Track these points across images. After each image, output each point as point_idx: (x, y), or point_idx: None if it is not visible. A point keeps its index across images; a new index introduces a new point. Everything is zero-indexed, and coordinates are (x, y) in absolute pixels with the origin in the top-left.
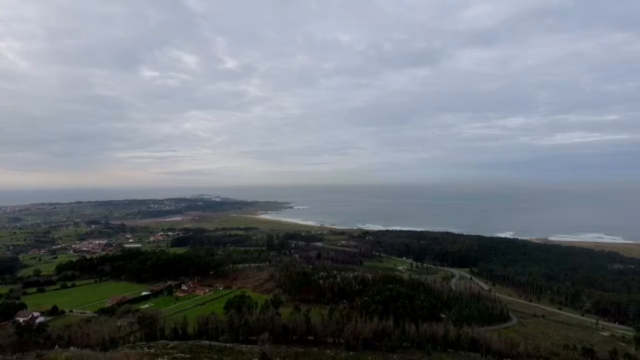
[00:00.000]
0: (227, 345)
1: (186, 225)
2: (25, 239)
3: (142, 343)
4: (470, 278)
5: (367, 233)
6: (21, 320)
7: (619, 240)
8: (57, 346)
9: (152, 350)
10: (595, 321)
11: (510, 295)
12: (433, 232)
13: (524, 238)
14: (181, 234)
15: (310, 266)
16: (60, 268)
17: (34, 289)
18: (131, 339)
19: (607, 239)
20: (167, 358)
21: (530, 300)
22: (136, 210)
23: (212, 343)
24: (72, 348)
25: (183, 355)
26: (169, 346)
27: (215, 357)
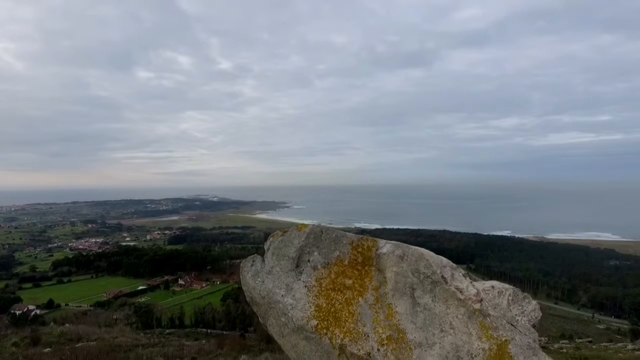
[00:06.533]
0: (224, 332)
1: (183, 224)
2: (21, 238)
3: (138, 331)
4: (467, 274)
5: (364, 231)
6: (17, 312)
7: (614, 238)
8: (52, 322)
9: (149, 336)
10: (591, 315)
11: None
12: (430, 230)
13: (520, 236)
14: (178, 233)
15: None
16: (56, 264)
17: (30, 284)
18: (128, 329)
19: (603, 236)
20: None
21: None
22: (133, 210)
23: (209, 331)
24: (67, 325)
25: (179, 339)
26: (165, 333)
27: (212, 342)
